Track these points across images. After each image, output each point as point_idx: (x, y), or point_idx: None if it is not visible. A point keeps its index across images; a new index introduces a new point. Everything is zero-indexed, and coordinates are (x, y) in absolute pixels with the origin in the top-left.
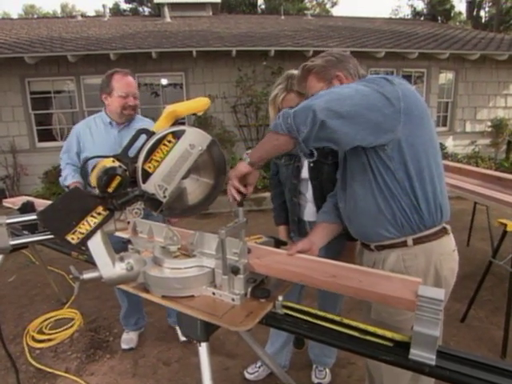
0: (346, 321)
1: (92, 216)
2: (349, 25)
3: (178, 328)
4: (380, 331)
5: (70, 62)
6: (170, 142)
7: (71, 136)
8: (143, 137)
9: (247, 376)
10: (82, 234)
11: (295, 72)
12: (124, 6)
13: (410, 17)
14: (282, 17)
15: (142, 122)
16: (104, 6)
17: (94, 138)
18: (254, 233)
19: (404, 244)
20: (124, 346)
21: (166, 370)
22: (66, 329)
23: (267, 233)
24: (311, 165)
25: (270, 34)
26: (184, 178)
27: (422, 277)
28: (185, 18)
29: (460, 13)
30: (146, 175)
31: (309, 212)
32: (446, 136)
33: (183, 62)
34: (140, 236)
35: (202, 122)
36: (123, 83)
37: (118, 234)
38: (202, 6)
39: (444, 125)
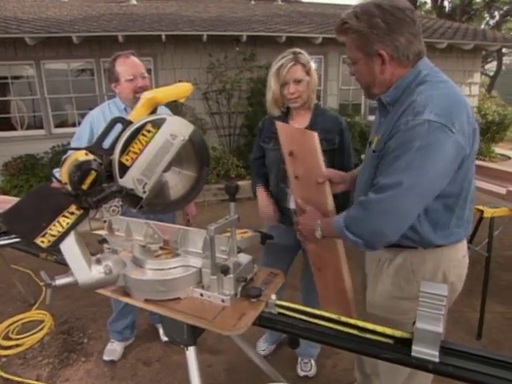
0: (343, 319)
1: (64, 216)
2: (320, 11)
3: (159, 326)
4: (379, 328)
5: (29, 44)
6: (149, 131)
7: (85, 123)
8: (119, 126)
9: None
10: (54, 236)
11: (298, 50)
12: None
13: None
14: (252, 1)
15: (158, 110)
16: None
17: None
18: None
19: (414, 246)
20: (105, 357)
21: (147, 370)
22: (36, 332)
23: (245, 223)
24: None
25: (241, 18)
26: (165, 171)
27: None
28: (151, 0)
29: (425, 2)
30: (124, 169)
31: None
32: None
33: (151, 46)
34: (117, 234)
35: (172, 109)
36: (128, 66)
37: (94, 232)
38: None
39: None
